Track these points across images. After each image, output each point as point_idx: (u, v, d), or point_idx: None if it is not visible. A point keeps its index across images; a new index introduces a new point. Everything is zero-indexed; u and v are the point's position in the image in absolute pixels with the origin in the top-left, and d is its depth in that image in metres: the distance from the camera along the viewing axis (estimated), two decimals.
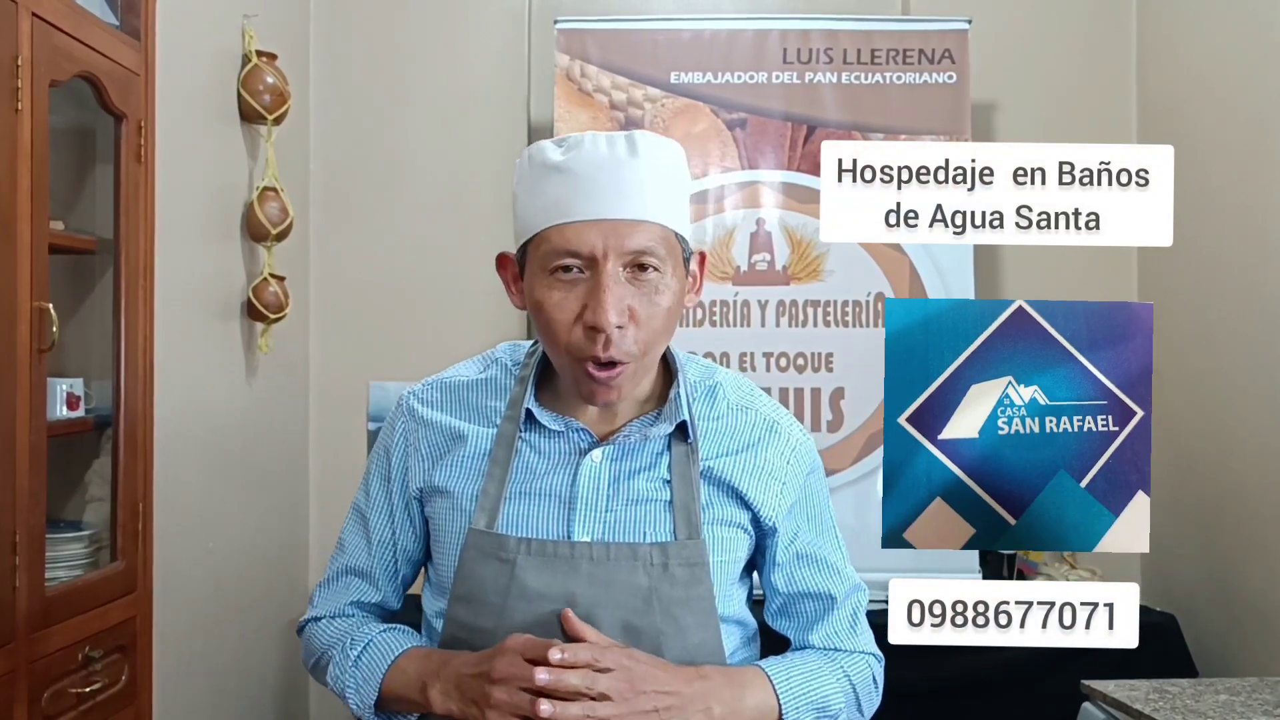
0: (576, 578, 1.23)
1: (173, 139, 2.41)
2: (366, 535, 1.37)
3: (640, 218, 1.18)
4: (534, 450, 1.29)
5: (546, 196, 1.20)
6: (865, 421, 3.17)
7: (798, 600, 1.37)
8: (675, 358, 1.33)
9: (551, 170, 1.20)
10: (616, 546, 1.24)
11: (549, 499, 1.27)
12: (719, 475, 1.29)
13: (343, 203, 3.53)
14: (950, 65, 3.24)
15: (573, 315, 1.19)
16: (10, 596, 1.69)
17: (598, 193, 1.18)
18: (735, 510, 1.30)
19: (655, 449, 1.28)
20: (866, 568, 3.06)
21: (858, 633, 1.40)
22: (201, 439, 2.71)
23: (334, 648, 1.33)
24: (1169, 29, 3.36)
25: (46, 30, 1.78)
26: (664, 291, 1.21)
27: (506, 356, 1.37)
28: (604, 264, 1.17)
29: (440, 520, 1.31)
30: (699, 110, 3.26)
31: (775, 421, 1.35)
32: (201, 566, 2.70)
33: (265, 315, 2.96)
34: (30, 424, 1.74)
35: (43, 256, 1.79)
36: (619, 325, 1.17)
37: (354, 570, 1.38)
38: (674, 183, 1.23)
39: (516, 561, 1.24)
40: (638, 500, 1.27)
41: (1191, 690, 2.01)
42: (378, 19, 3.56)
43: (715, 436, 1.31)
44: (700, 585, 1.26)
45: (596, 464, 1.27)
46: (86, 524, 2.07)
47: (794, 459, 1.34)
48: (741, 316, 3.22)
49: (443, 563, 1.31)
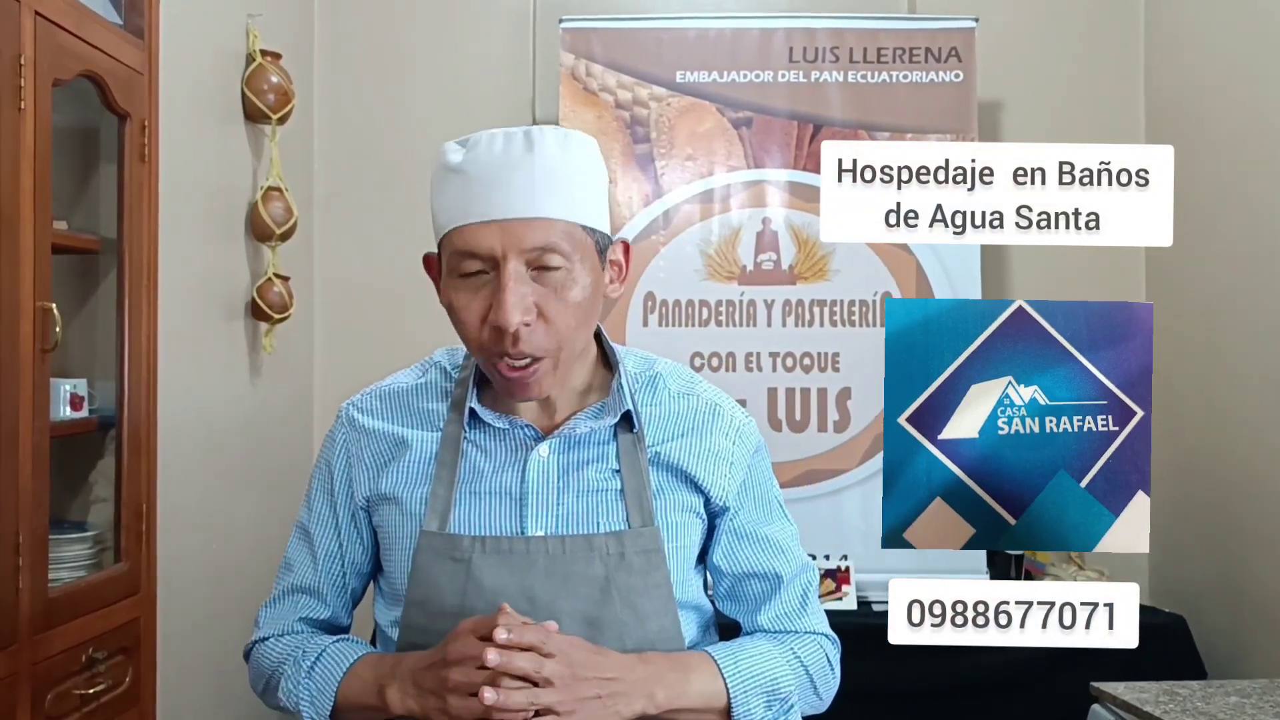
0: (533, 573, 1.23)
1: (176, 138, 2.41)
2: (312, 551, 1.36)
3: (538, 215, 1.18)
4: (479, 450, 1.29)
5: (448, 198, 1.21)
6: (872, 421, 3.16)
7: (744, 581, 1.36)
8: (613, 350, 1.34)
9: (451, 172, 1.21)
10: (572, 539, 1.24)
11: (499, 496, 1.26)
12: (667, 459, 1.30)
13: (347, 202, 3.53)
14: (957, 64, 3.23)
15: (479, 316, 1.19)
16: (13, 598, 1.69)
17: (493, 193, 1.18)
18: (687, 495, 1.31)
19: (601, 440, 1.29)
20: (873, 568, 3.09)
21: (808, 612, 1.38)
22: (205, 439, 2.71)
23: (285, 663, 1.31)
24: (1177, 28, 3.35)
25: (50, 29, 1.78)
26: (572, 286, 1.20)
27: (444, 360, 1.37)
28: (504, 264, 1.17)
29: (389, 528, 1.30)
30: (704, 109, 3.25)
31: (717, 405, 1.36)
32: (205, 567, 2.70)
33: (269, 315, 2.96)
34: (33, 424, 1.74)
35: (46, 256, 1.79)
36: (525, 323, 1.17)
37: (301, 588, 1.36)
38: (579, 175, 1.22)
39: (471, 560, 1.24)
40: (589, 491, 1.27)
41: (1202, 692, 2.00)
42: (382, 18, 3.56)
43: (659, 423, 1.32)
44: (657, 572, 1.26)
45: (544, 458, 1.27)
46: (90, 525, 2.07)
47: (739, 439, 1.35)
48: (747, 316, 3.21)
49: (394, 570, 1.30)
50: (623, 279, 1.31)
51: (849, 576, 3.01)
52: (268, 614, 1.38)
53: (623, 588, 1.24)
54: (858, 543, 3.11)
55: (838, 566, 3.03)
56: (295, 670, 1.28)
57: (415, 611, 1.26)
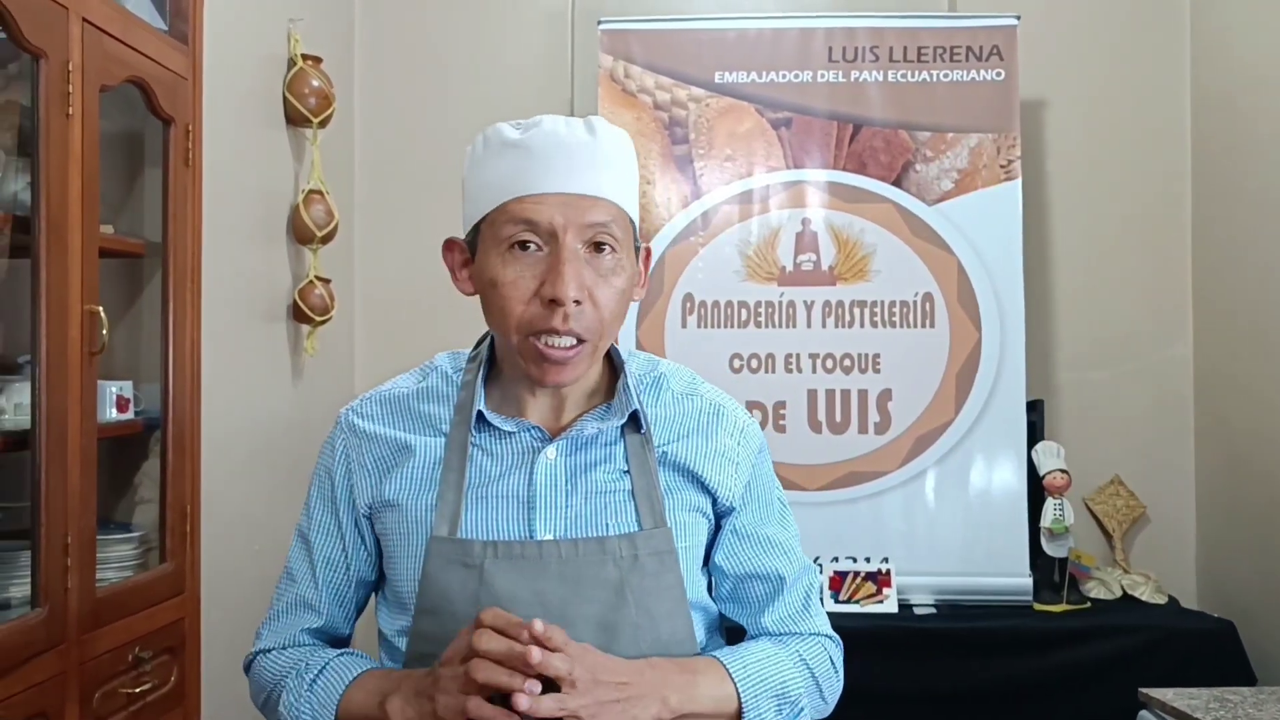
0: (545, 577, 1.21)
1: (220, 142, 2.43)
2: (312, 561, 1.34)
3: (599, 194, 1.19)
4: (486, 453, 1.27)
5: (503, 172, 1.20)
6: (913, 424, 3.13)
7: (747, 582, 1.34)
8: (618, 352, 1.33)
9: (509, 147, 1.20)
10: (585, 542, 1.23)
11: (508, 500, 1.25)
12: (675, 459, 1.29)
13: (387, 205, 3.54)
14: (999, 62, 3.20)
15: (529, 291, 1.19)
16: (62, 598, 1.70)
17: (558, 167, 1.18)
18: (695, 495, 1.30)
19: (608, 441, 1.27)
20: (914, 571, 3.07)
21: (811, 614, 1.36)
22: (248, 441, 2.73)
23: (287, 676, 1.29)
24: (1222, 22, 3.29)
25: (97, 36, 1.80)
26: (619, 273, 1.21)
27: (446, 364, 1.36)
28: (563, 238, 1.17)
29: (394, 535, 1.28)
30: (744, 110, 3.24)
31: (721, 405, 1.35)
32: (248, 567, 2.71)
33: (311, 318, 2.97)
34: (81, 426, 1.76)
35: (93, 260, 1.80)
36: (577, 300, 1.17)
37: (303, 598, 1.35)
38: (628, 168, 1.25)
39: (484, 566, 1.22)
40: (598, 493, 1.25)
41: (1253, 699, 1.97)
42: (420, 22, 3.57)
43: (665, 423, 1.31)
44: (670, 573, 1.25)
45: (552, 461, 1.25)
46: (136, 525, 2.09)
47: (743, 439, 1.34)
48: (787, 317, 3.19)
49: (400, 578, 1.27)
50: (644, 283, 1.32)
51: (890, 579, 2.98)
52: (270, 626, 1.37)
53: (636, 590, 1.23)
54: (899, 545, 3.09)
55: (879, 569, 3.00)
56: (297, 684, 1.27)
57: (426, 620, 1.24)
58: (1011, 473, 3.11)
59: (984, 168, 3.18)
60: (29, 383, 1.70)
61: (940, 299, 3.15)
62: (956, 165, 3.19)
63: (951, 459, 3.12)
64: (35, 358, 1.68)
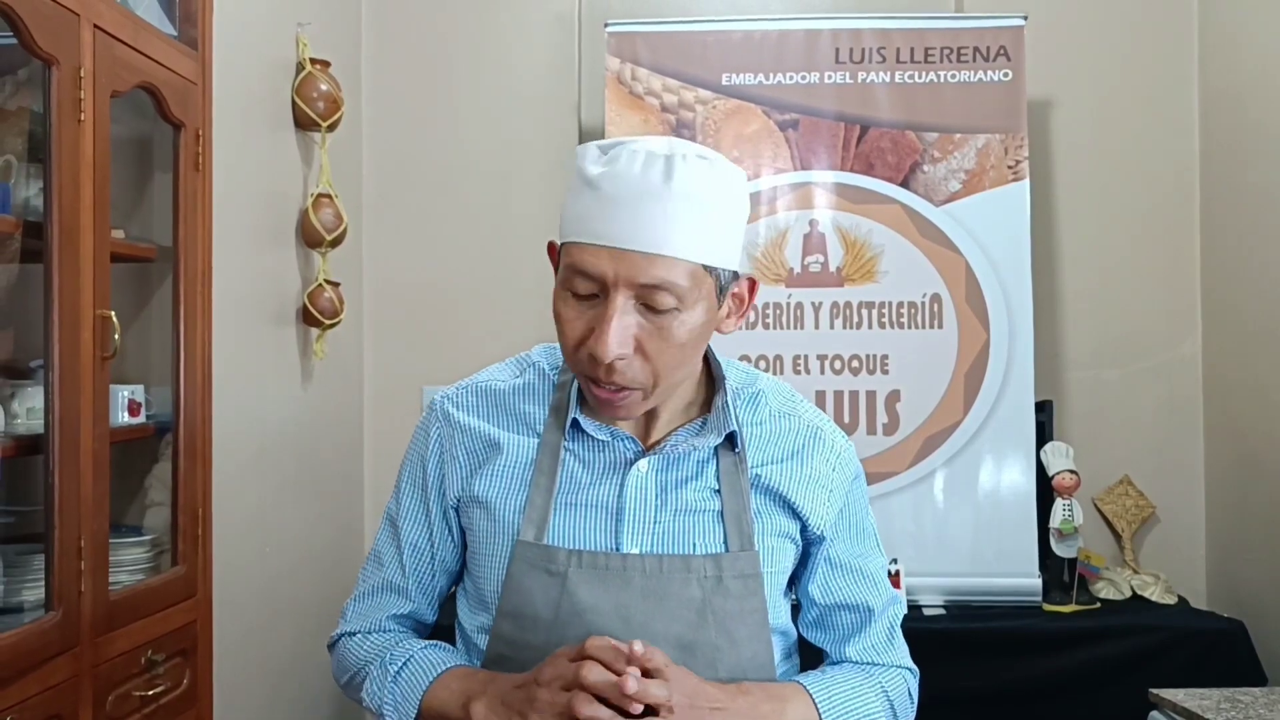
0: (629, 591, 1.21)
1: (229, 147, 2.44)
2: (400, 546, 1.34)
3: (660, 252, 1.12)
4: (578, 460, 1.26)
5: (577, 210, 1.16)
6: (921, 425, 3.13)
7: (835, 611, 1.35)
8: (719, 365, 1.31)
9: (586, 184, 1.15)
10: (669, 559, 1.22)
11: (596, 510, 1.24)
12: (767, 484, 1.27)
13: (395, 208, 3.55)
14: (1006, 63, 3.19)
15: (580, 336, 1.16)
16: (76, 601, 1.71)
17: (620, 219, 1.12)
18: (785, 520, 1.28)
19: (701, 458, 1.26)
20: (924, 571, 3.06)
21: (894, 646, 1.37)
22: (259, 444, 2.74)
23: (371, 663, 1.30)
24: (1231, 21, 3.29)
25: (108, 42, 1.81)
26: (679, 327, 1.15)
27: (543, 360, 1.34)
28: (613, 293, 1.12)
29: (480, 532, 1.28)
30: (750, 111, 3.24)
31: (819, 428, 1.33)
32: (259, 571, 2.72)
33: (320, 321, 2.98)
34: (94, 430, 1.76)
35: (105, 265, 1.81)
36: (620, 356, 1.13)
37: (389, 582, 1.35)
38: (713, 212, 1.15)
39: (568, 575, 1.21)
40: (687, 511, 1.24)
41: (1265, 699, 1.96)
42: (428, 25, 3.58)
43: (760, 444, 1.29)
44: (754, 597, 1.24)
45: (643, 474, 1.24)
46: (147, 529, 2.10)
47: (839, 465, 1.32)
48: (795, 319, 3.19)
49: (484, 576, 1.27)
50: (742, 315, 1.26)
51: (899, 580, 2.98)
52: (355, 608, 1.37)
53: (718, 612, 1.22)
54: (908, 546, 3.08)
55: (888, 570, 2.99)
56: (381, 673, 1.27)
57: (506, 622, 1.24)
58: (1020, 473, 3.10)
59: (991, 168, 3.18)
60: (42, 387, 1.70)
61: (948, 300, 3.15)
62: (964, 166, 3.19)
63: (960, 460, 3.11)
64: (48, 362, 1.69)
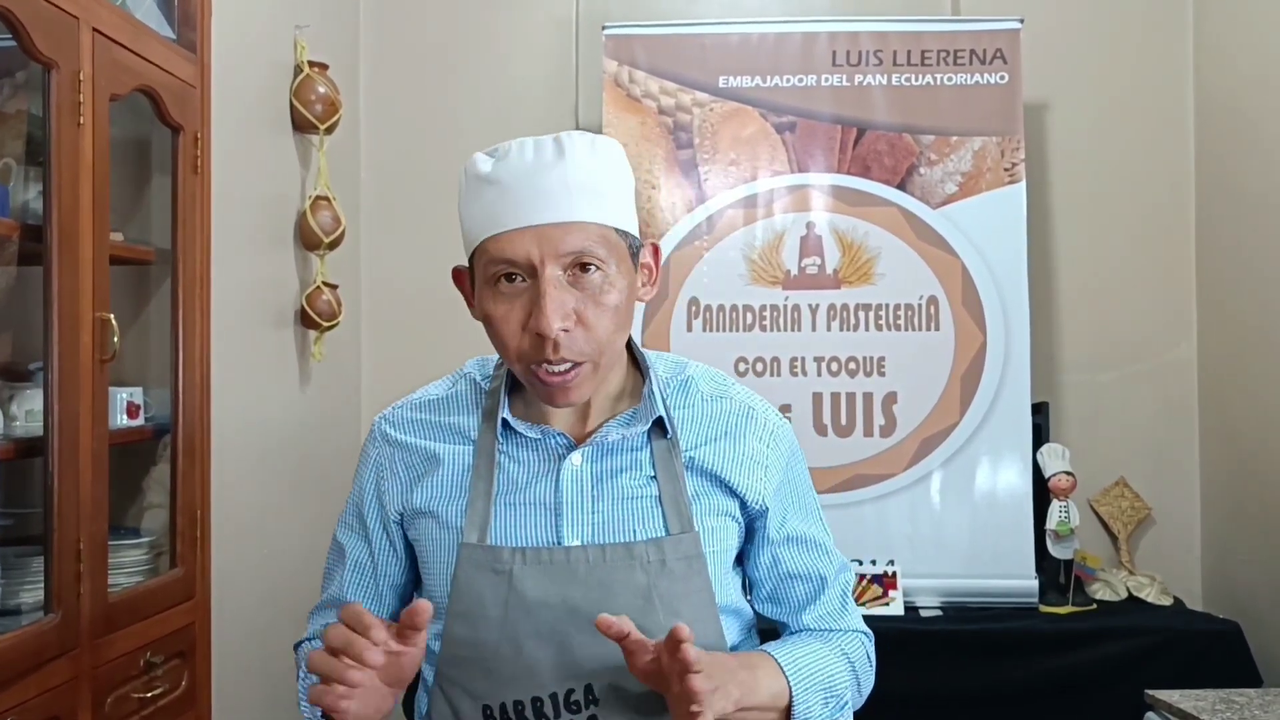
0: (574, 583, 1.23)
1: (228, 150, 2.45)
2: (343, 563, 1.38)
3: (572, 219, 1.18)
4: (513, 460, 1.29)
5: (480, 208, 1.20)
6: (918, 426, 3.14)
7: (788, 582, 1.36)
8: (643, 355, 1.34)
9: (483, 182, 1.20)
10: (612, 548, 1.24)
11: (535, 507, 1.26)
12: (702, 464, 1.30)
13: (393, 210, 3.56)
14: (1002, 65, 3.21)
15: (519, 324, 1.19)
16: (75, 603, 1.72)
17: (527, 200, 1.18)
18: (723, 499, 1.30)
19: (634, 446, 1.28)
20: (920, 573, 3.07)
21: (849, 611, 1.39)
22: (257, 446, 2.74)
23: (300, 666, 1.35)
24: (1226, 26, 3.30)
25: (107, 45, 1.81)
26: (609, 290, 1.20)
27: (475, 371, 1.37)
28: (542, 270, 1.17)
29: (426, 542, 1.31)
30: (748, 114, 3.25)
31: (751, 408, 1.35)
32: (257, 573, 2.73)
33: (318, 323, 2.99)
34: (93, 433, 1.77)
35: (104, 267, 1.82)
36: (564, 329, 1.17)
37: (334, 597, 1.39)
38: (610, 179, 1.22)
39: (513, 572, 1.24)
40: (624, 499, 1.26)
41: (1259, 700, 1.97)
42: (426, 28, 3.58)
43: (693, 427, 1.31)
44: (698, 578, 1.26)
45: (577, 467, 1.27)
46: (146, 531, 2.10)
47: (773, 442, 1.34)
48: (792, 321, 3.20)
49: (434, 583, 1.30)
50: (654, 281, 1.31)
51: (896, 582, 2.99)
52: (311, 619, 1.43)
53: (664, 595, 1.24)
54: (905, 548, 3.09)
55: (884, 572, 3.01)
56: (303, 677, 1.33)
57: (458, 624, 1.27)
58: (1017, 475, 3.11)
59: (988, 171, 3.19)
60: (41, 390, 1.71)
61: (945, 302, 3.16)
62: (960, 168, 3.20)
63: (957, 461, 3.12)
64: (47, 365, 1.70)
